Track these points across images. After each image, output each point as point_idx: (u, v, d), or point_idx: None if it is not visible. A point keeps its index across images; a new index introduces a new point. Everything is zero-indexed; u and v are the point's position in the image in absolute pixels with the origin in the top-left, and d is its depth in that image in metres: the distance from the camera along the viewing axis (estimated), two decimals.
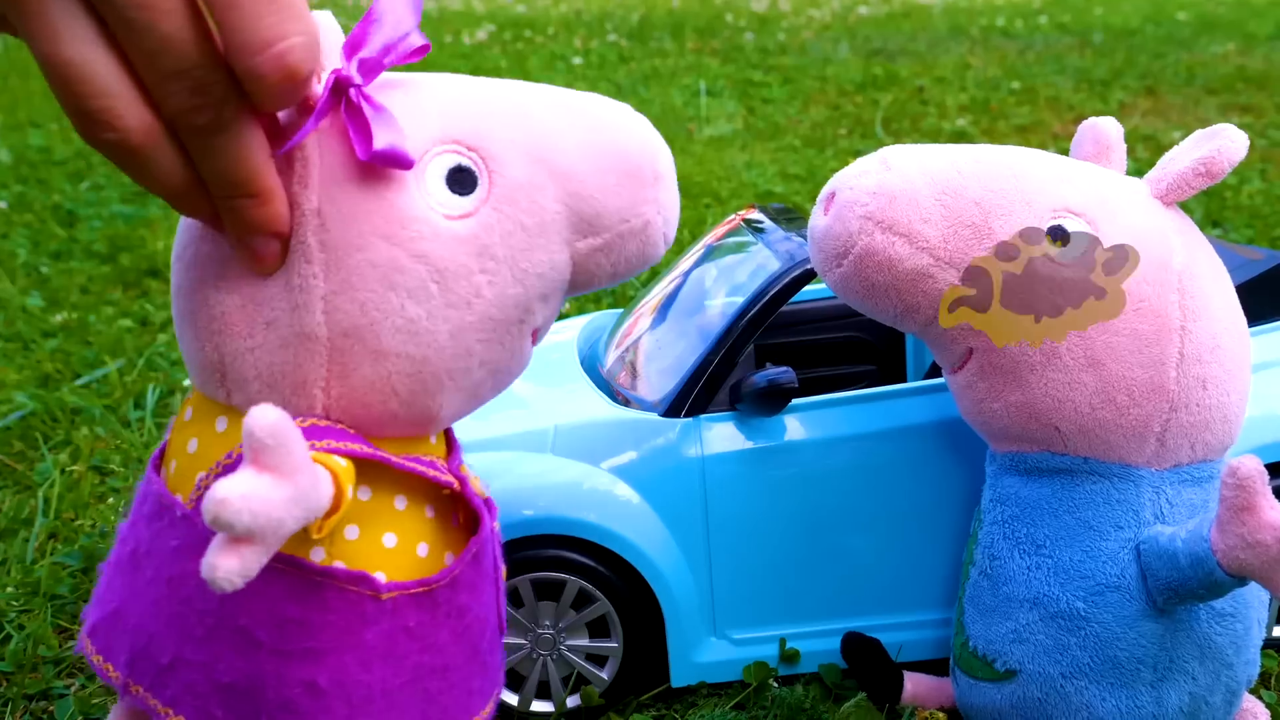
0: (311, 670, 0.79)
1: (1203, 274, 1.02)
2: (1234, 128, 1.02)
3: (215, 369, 0.80)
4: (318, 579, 0.78)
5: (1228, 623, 1.02)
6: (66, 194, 3.48)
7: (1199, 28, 6.73)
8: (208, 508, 0.62)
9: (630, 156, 0.82)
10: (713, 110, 4.70)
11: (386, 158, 0.74)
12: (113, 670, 0.83)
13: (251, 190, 0.72)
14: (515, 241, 0.79)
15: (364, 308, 0.76)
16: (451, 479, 0.83)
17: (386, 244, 0.76)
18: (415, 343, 0.77)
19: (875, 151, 1.06)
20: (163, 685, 0.81)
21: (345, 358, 0.77)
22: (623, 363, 1.31)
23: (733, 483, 1.19)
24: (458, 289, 0.77)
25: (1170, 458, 1.02)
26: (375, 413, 0.79)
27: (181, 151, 0.70)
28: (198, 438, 0.82)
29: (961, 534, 1.20)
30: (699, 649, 1.22)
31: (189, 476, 0.80)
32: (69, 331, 2.36)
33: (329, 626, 0.79)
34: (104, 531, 1.56)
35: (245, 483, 0.63)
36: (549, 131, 0.80)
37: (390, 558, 0.81)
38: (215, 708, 0.80)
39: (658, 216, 0.84)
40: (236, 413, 0.80)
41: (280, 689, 0.79)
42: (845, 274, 1.03)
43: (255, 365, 0.78)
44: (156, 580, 0.80)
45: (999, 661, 1.06)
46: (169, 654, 0.80)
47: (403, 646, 0.81)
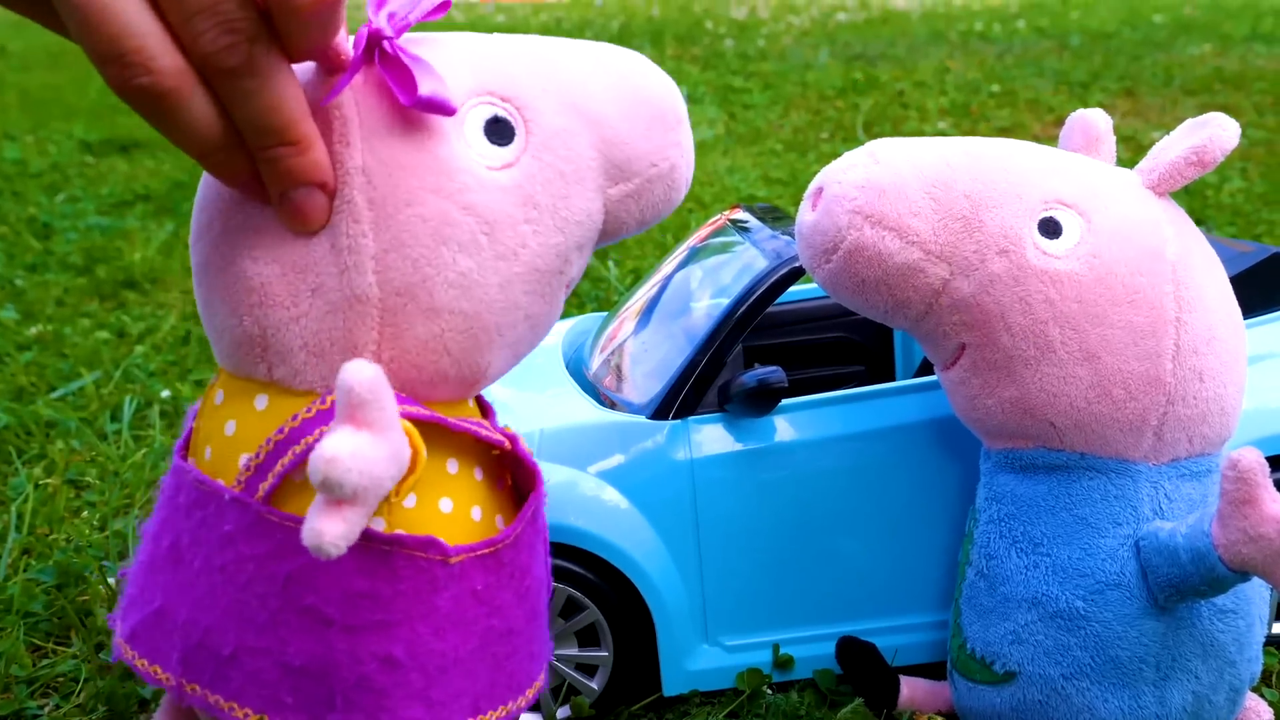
0: (386, 643, 0.76)
1: (1197, 265, 1.00)
2: (1225, 115, 1.01)
3: (255, 343, 0.77)
4: (385, 548, 0.75)
5: (1230, 619, 1.00)
6: (42, 206, 3.45)
7: (1175, 30, 6.75)
8: (315, 468, 0.61)
9: (655, 101, 0.83)
10: (694, 116, 4.68)
11: (431, 104, 0.73)
12: (161, 672, 0.79)
13: (290, 137, 0.70)
14: (555, 189, 0.78)
15: (416, 264, 0.75)
16: (503, 438, 0.82)
17: (436, 197, 0.74)
18: (468, 297, 0.76)
19: (862, 145, 1.04)
20: (224, 679, 0.77)
21: (398, 318, 0.75)
22: (609, 365, 1.29)
23: (723, 485, 1.17)
24: (506, 240, 0.77)
25: (1168, 452, 1.00)
26: (427, 374, 0.78)
27: (215, 101, 0.67)
28: (235, 419, 0.79)
29: (957, 534, 1.18)
30: (691, 656, 1.20)
31: (230, 460, 0.77)
32: (44, 344, 2.33)
33: (400, 596, 0.76)
34: (79, 546, 1.52)
35: (351, 440, 0.62)
36: (578, 79, 0.80)
37: (448, 523, 0.79)
38: (285, 694, 0.77)
39: (682, 160, 0.85)
40: (278, 388, 0.77)
41: (355, 666, 0.76)
42: (834, 270, 1.01)
43: (301, 334, 0.76)
44: (207, 570, 0.77)
45: (998, 663, 1.04)
46: (230, 644, 0.77)
47: (472, 611, 0.79)
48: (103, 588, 1.40)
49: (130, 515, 1.60)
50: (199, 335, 2.35)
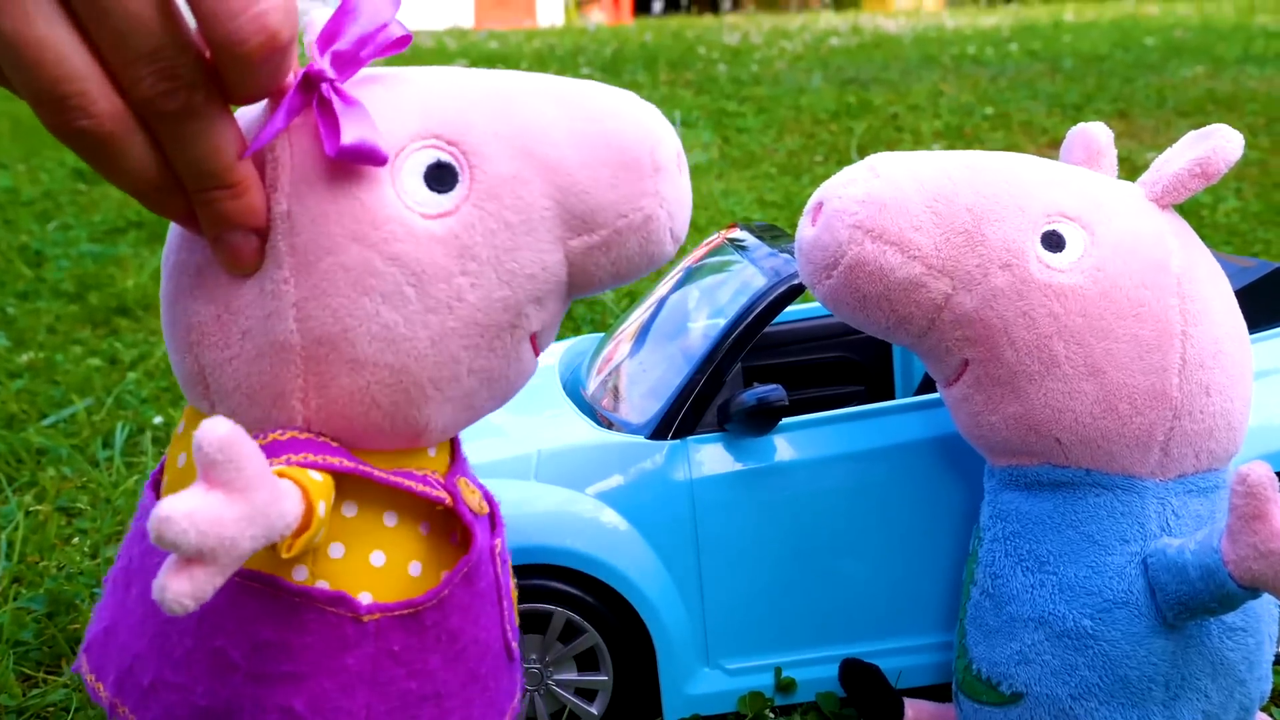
0: (289, 695, 0.75)
1: (1202, 277, 0.99)
2: (1228, 127, 1.00)
3: (198, 380, 0.76)
4: (295, 599, 0.74)
5: (1239, 637, 0.99)
6: (34, 234, 3.44)
7: (1167, 52, 6.76)
8: (151, 525, 0.58)
9: (626, 146, 0.76)
10: (688, 140, 4.68)
11: (357, 153, 0.70)
12: (103, 690, 0.79)
13: (227, 180, 0.69)
14: (500, 240, 0.74)
15: (336, 314, 0.72)
16: (443, 494, 0.78)
17: (358, 246, 0.71)
18: (393, 350, 0.73)
19: (863, 160, 1.03)
20: (145, 707, 0.77)
21: (321, 367, 0.73)
22: (606, 386, 1.27)
23: (723, 506, 1.15)
24: (436, 292, 0.73)
25: (1175, 467, 0.99)
26: (358, 425, 0.75)
27: (154, 143, 0.66)
28: (186, 452, 0.79)
29: (960, 553, 1.16)
30: (692, 680, 1.18)
31: (177, 490, 0.76)
32: (35, 371, 2.31)
33: (308, 649, 0.75)
34: (70, 574, 1.50)
35: (192, 500, 0.59)
36: (536, 122, 0.75)
37: (379, 577, 0.77)
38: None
39: (660, 210, 0.77)
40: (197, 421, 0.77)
41: (258, 714, 0.75)
42: (835, 286, 0.99)
43: (234, 376, 0.74)
44: (143, 598, 0.77)
45: (1004, 684, 1.02)
46: (150, 674, 0.76)
47: (388, 671, 0.77)
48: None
49: (118, 544, 1.58)
50: None
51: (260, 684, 0.75)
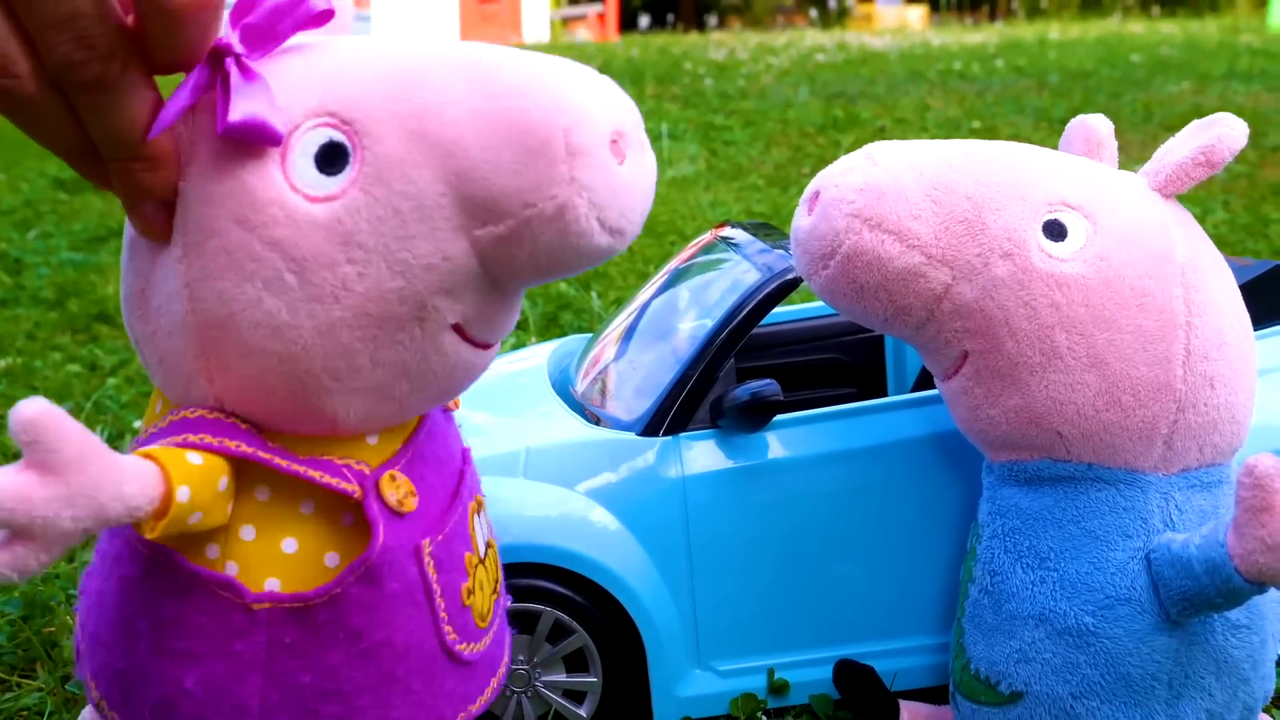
0: (183, 672, 0.74)
1: (1206, 268, 0.97)
2: (1232, 115, 0.98)
3: (140, 350, 0.77)
4: (191, 578, 0.73)
5: (1243, 635, 0.97)
6: (13, 242, 3.41)
7: (1152, 69, 6.79)
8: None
9: (532, 128, 0.68)
10: (675, 152, 4.67)
11: (245, 130, 0.67)
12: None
13: (139, 154, 0.68)
14: (389, 228, 0.69)
15: (222, 298, 0.70)
16: (352, 487, 0.75)
17: (239, 229, 0.69)
18: (279, 339, 0.70)
19: (861, 148, 1.01)
20: (92, 657, 0.79)
21: (218, 349, 0.72)
22: (597, 383, 1.25)
23: (715, 504, 1.13)
24: (319, 280, 0.69)
25: (1178, 461, 0.97)
26: (264, 409, 0.74)
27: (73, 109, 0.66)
28: (145, 423, 0.80)
29: (958, 553, 1.14)
30: (683, 682, 1.15)
31: None
32: (13, 377, 2.28)
33: (201, 630, 0.74)
34: (46, 577, 1.47)
35: (10, 479, 0.59)
36: (436, 100, 0.69)
37: (290, 564, 0.75)
38: (115, 692, 0.77)
39: (579, 199, 0.68)
40: (165, 397, 0.78)
41: (159, 687, 0.75)
42: (832, 276, 0.97)
43: (157, 350, 0.74)
44: (100, 556, 0.79)
45: (1003, 683, 1.00)
46: (91, 627, 0.78)
47: (282, 663, 0.75)
48: (70, 619, 1.35)
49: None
50: None
51: (160, 657, 0.75)
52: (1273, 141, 4.33)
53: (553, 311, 2.58)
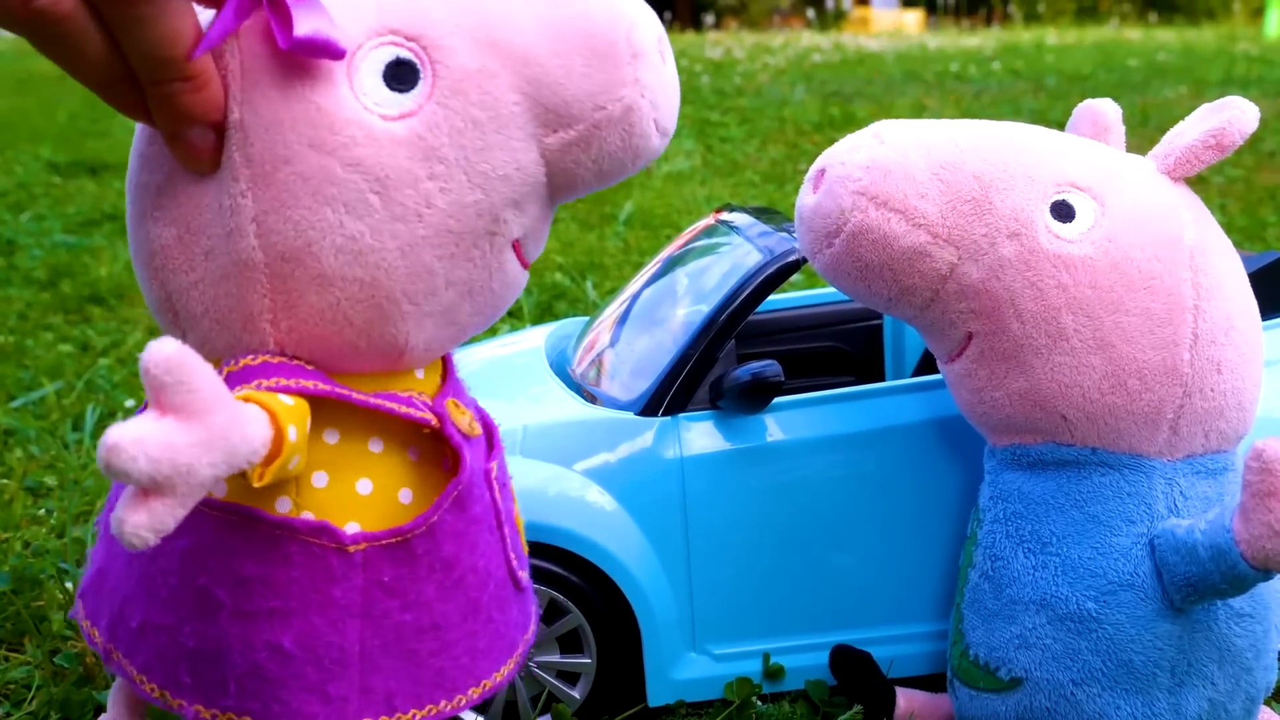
0: (277, 632, 0.71)
1: (1215, 252, 0.96)
2: (1242, 98, 0.97)
3: (166, 308, 0.72)
4: (276, 531, 0.70)
5: (1247, 624, 0.96)
6: (7, 224, 3.39)
7: (1149, 74, 6.80)
8: (100, 455, 0.55)
9: (599, 31, 0.70)
10: (671, 148, 4.66)
11: (311, 46, 0.66)
12: (97, 635, 0.76)
13: (184, 72, 0.65)
14: (468, 140, 0.69)
15: (298, 227, 0.68)
16: (428, 416, 0.74)
17: (316, 153, 0.67)
18: (361, 264, 0.69)
19: (867, 126, 1.00)
20: (136, 650, 0.74)
21: (288, 285, 0.69)
22: (596, 363, 1.24)
23: (713, 486, 1.12)
24: (403, 199, 0.68)
25: (1183, 447, 0.96)
26: (332, 345, 0.71)
27: (109, 32, 0.63)
28: None
29: (956, 539, 1.13)
30: (678, 665, 1.14)
31: None
32: (4, 355, 2.26)
33: (293, 583, 0.71)
34: (38, 551, 1.46)
35: (141, 427, 0.55)
36: (500, 12, 0.70)
37: (366, 506, 0.73)
38: (183, 674, 0.73)
39: (641, 100, 0.71)
40: None
41: (247, 653, 0.72)
42: (836, 254, 0.96)
43: (201, 300, 0.70)
44: (116, 548, 0.76)
45: (1003, 669, 0.99)
46: (138, 617, 0.73)
47: (380, 604, 0.73)
48: (60, 593, 1.34)
49: (89, 523, 1.53)
50: None
51: (246, 621, 0.71)
52: (1270, 146, 4.34)
53: (547, 301, 2.57)
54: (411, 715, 0.76)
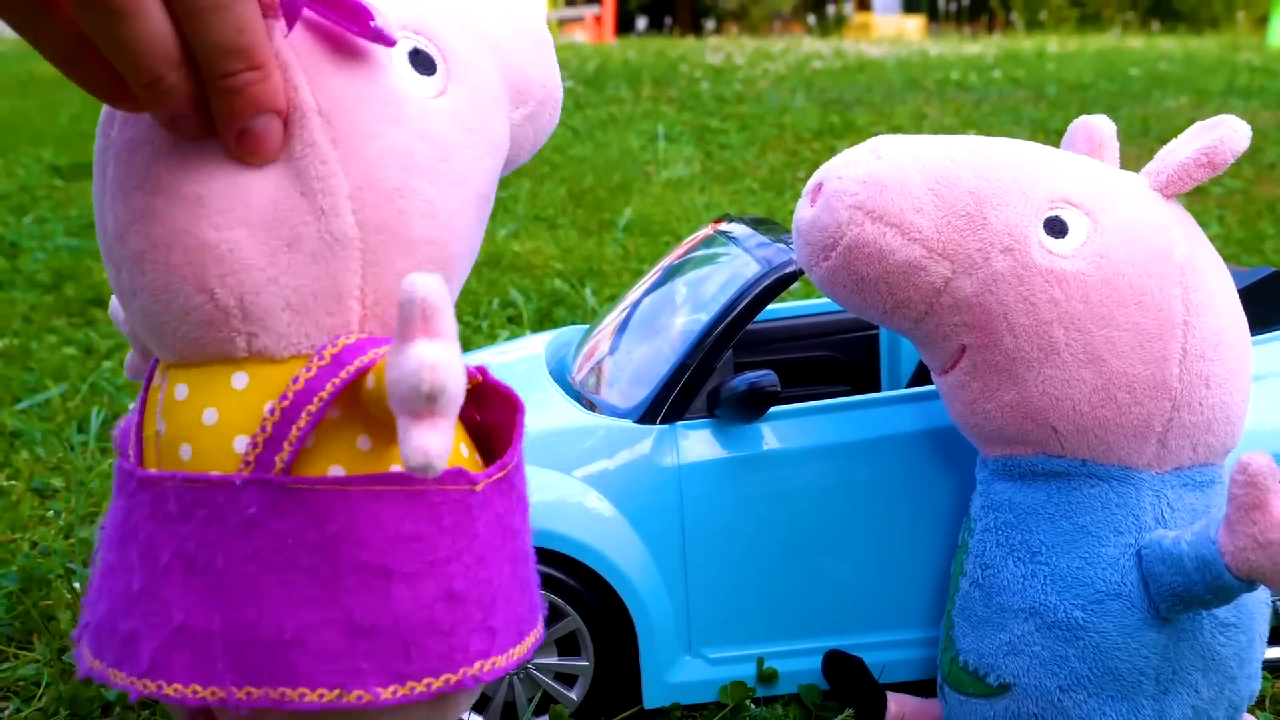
0: (445, 581, 0.74)
1: (1205, 269, 0.98)
2: (1235, 117, 0.99)
3: (230, 315, 0.72)
4: (419, 487, 0.73)
5: (1231, 633, 0.98)
6: (10, 226, 3.41)
7: (1150, 83, 6.81)
8: (420, 377, 0.60)
9: (535, 24, 0.86)
10: (670, 154, 4.68)
11: (380, 35, 0.72)
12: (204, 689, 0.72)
13: (256, 61, 0.67)
14: (481, 114, 0.79)
15: (391, 198, 0.74)
16: (473, 370, 0.80)
17: (394, 128, 0.74)
18: (437, 226, 0.76)
19: (864, 141, 1.02)
20: (288, 667, 0.72)
21: (379, 256, 0.74)
22: (595, 371, 1.26)
23: (710, 493, 1.14)
24: (458, 165, 0.77)
25: (1171, 459, 0.98)
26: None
27: (173, 17, 0.64)
28: (214, 406, 0.73)
29: (948, 547, 1.15)
30: (673, 668, 1.16)
31: (220, 448, 0.72)
32: (9, 358, 2.28)
33: (445, 532, 0.74)
34: (45, 551, 1.48)
35: (439, 348, 0.62)
36: (475, 9, 0.83)
37: (452, 459, 0.77)
38: (359, 660, 0.72)
39: (558, 82, 0.87)
40: (257, 361, 0.73)
41: (421, 611, 0.73)
42: (833, 267, 0.98)
43: (282, 293, 0.72)
44: (233, 565, 0.72)
45: (991, 675, 1.01)
46: (287, 629, 0.71)
47: (499, 538, 0.77)
48: (67, 593, 1.35)
49: (95, 524, 1.55)
50: None
51: (414, 580, 0.73)
52: (1269, 158, 4.35)
53: (546, 307, 2.59)
54: (528, 640, 0.80)
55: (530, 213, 3.64)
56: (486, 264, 2.98)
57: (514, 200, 3.79)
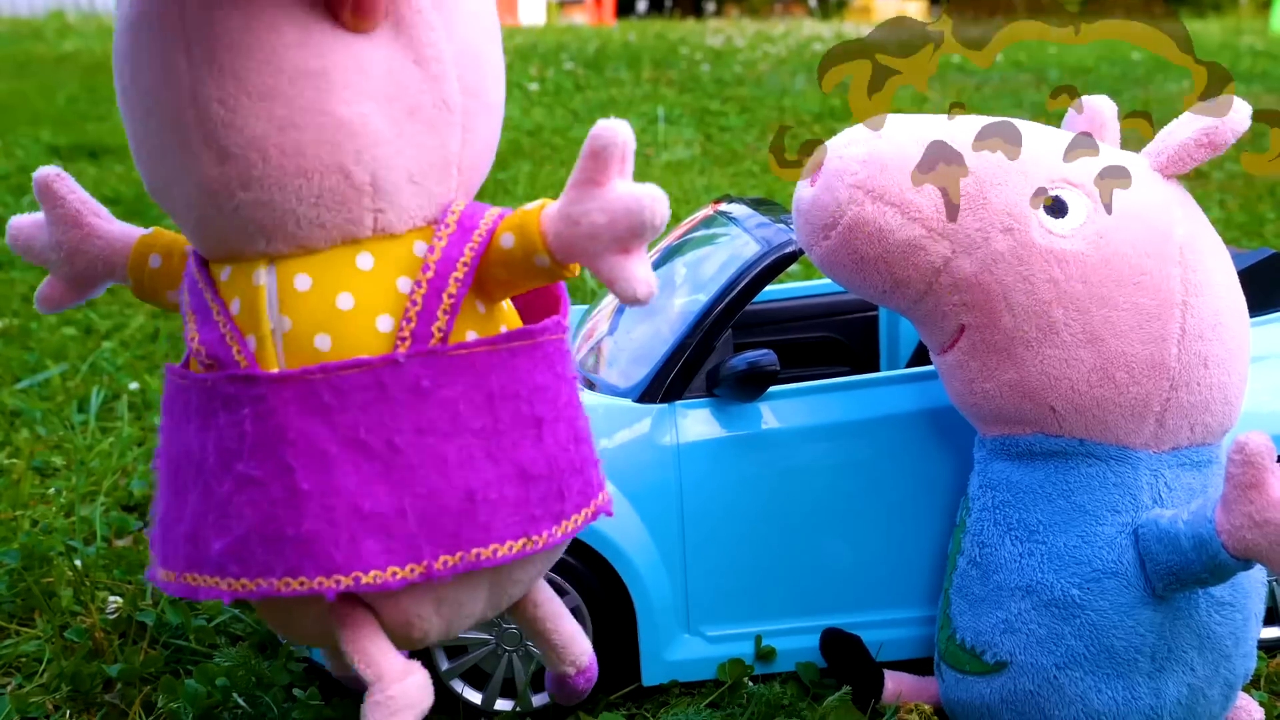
0: (571, 424, 0.83)
1: (1204, 249, 0.99)
2: (1235, 98, 0.99)
3: (360, 194, 0.75)
4: (539, 338, 0.81)
5: (1227, 612, 0.98)
6: (9, 206, 3.40)
7: (1153, 68, 6.79)
8: (648, 208, 0.72)
9: None
10: (670, 137, 4.67)
11: None
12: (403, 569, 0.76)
13: None
14: None
15: (479, 63, 0.80)
16: None
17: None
18: (499, 89, 0.83)
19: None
20: (479, 528, 0.77)
21: (473, 121, 0.79)
22: (595, 351, 1.26)
23: (709, 471, 1.14)
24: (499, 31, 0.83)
25: (1169, 439, 0.98)
26: (479, 178, 0.83)
27: None
28: (348, 290, 0.76)
29: (946, 527, 1.15)
30: (671, 646, 1.17)
31: (363, 331, 0.75)
32: (9, 338, 2.28)
33: (561, 379, 0.83)
34: (47, 529, 1.48)
35: (646, 185, 0.73)
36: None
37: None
38: (533, 507, 0.80)
39: None
40: (377, 240, 0.77)
41: (565, 453, 0.81)
42: (833, 246, 0.98)
43: (406, 165, 0.77)
44: (405, 440, 0.76)
45: (988, 653, 1.01)
46: (474, 490, 0.77)
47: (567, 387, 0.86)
48: (69, 570, 1.36)
49: (96, 502, 1.56)
50: (168, 331, 2.32)
51: (557, 425, 0.82)
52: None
53: None
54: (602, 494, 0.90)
55: (530, 195, 3.63)
56: None
57: (514, 182, 3.78)
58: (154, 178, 0.80)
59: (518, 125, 4.84)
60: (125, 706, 1.15)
